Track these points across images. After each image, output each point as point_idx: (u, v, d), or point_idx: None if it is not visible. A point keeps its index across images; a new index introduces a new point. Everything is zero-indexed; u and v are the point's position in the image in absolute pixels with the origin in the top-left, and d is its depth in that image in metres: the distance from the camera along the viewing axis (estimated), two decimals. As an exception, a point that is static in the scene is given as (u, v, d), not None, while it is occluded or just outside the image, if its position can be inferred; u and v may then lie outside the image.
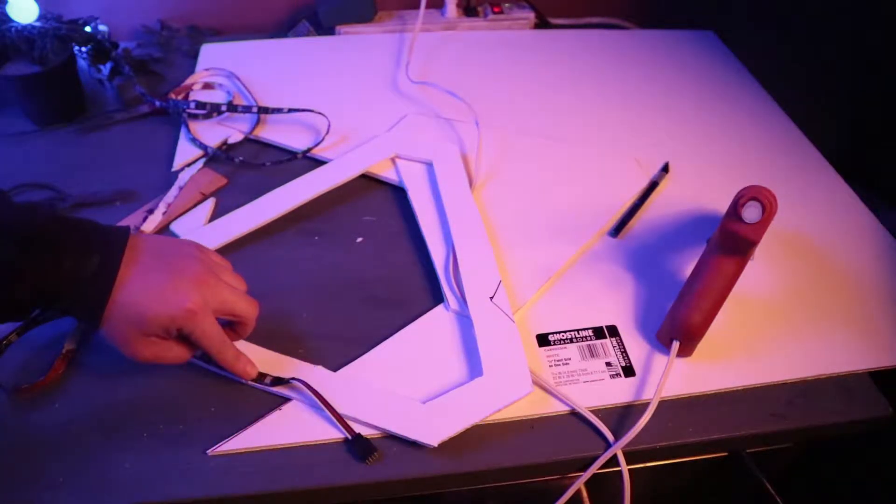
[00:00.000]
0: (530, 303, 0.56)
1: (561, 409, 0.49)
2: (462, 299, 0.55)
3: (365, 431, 0.47)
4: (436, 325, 0.54)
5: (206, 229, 0.60)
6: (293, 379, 0.48)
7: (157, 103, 0.74)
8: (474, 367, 0.51)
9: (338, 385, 0.49)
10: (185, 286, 0.43)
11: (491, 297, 0.54)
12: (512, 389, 0.49)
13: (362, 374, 0.50)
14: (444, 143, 0.70)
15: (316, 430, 0.47)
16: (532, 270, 0.58)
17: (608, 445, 0.47)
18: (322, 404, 0.47)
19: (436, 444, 0.46)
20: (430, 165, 0.67)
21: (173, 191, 0.63)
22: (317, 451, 0.46)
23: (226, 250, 0.59)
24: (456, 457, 0.46)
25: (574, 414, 0.49)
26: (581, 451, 0.47)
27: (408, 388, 0.49)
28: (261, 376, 0.49)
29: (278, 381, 0.49)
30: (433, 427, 0.46)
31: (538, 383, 0.50)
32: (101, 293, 0.41)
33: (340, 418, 0.46)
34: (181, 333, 0.44)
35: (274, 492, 0.45)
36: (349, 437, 0.46)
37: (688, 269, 0.59)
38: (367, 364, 0.51)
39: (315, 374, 0.49)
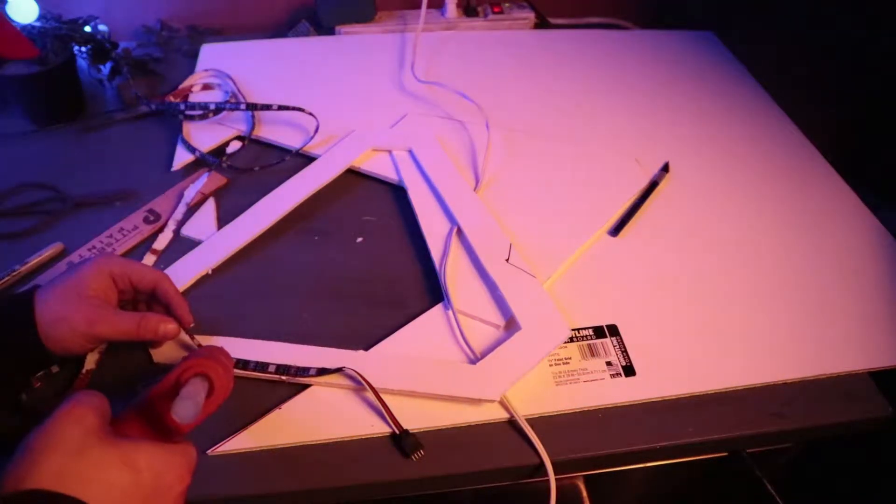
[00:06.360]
0: (530, 303, 0.56)
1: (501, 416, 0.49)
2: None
3: (419, 404, 0.48)
4: (435, 323, 0.54)
5: (219, 235, 0.60)
6: (344, 368, 0.48)
7: (153, 106, 0.74)
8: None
9: (378, 363, 0.50)
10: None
11: (507, 259, 0.56)
12: (552, 336, 0.51)
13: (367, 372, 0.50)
14: (422, 130, 0.71)
15: (315, 430, 0.47)
16: (532, 270, 0.58)
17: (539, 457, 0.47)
18: (375, 396, 0.47)
19: (498, 399, 0.48)
20: (409, 152, 0.69)
21: (181, 208, 0.63)
22: (317, 451, 0.46)
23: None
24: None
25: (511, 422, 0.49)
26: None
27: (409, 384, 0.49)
28: (302, 370, 0.49)
29: (324, 371, 0.49)
30: (490, 384, 0.48)
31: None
32: (26, 295, 0.45)
33: (389, 412, 0.47)
34: (120, 289, 0.47)
35: (274, 492, 0.45)
36: (397, 432, 0.46)
37: (688, 269, 0.59)
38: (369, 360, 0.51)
39: (353, 358, 0.50)
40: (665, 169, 0.69)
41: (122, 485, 0.33)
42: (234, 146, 0.70)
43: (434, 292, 0.57)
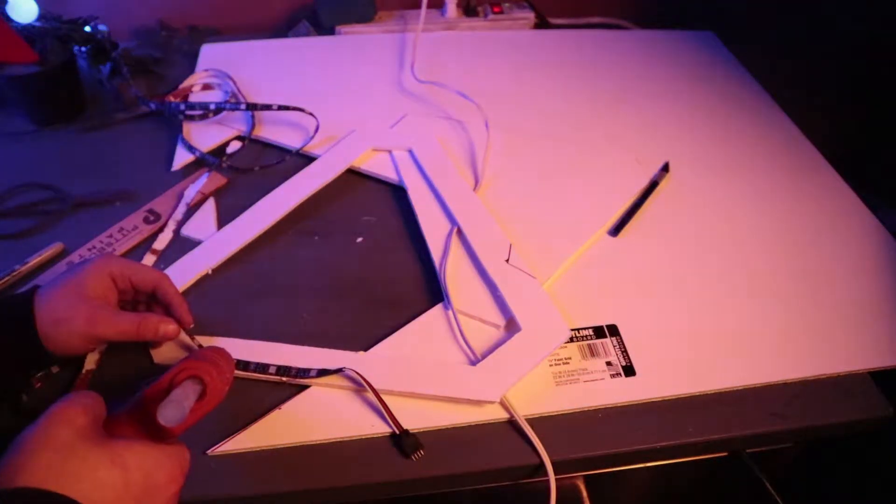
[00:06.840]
0: (530, 303, 0.56)
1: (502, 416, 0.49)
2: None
3: (419, 404, 0.48)
4: (435, 323, 0.54)
5: (219, 235, 0.60)
6: (344, 369, 0.48)
7: (152, 106, 0.74)
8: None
9: (378, 364, 0.50)
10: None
11: (506, 260, 0.56)
12: (552, 338, 0.51)
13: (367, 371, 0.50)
14: (422, 130, 0.71)
15: (316, 431, 0.47)
16: (532, 270, 0.58)
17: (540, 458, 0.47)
18: (375, 397, 0.47)
19: (498, 401, 0.48)
20: (409, 152, 0.69)
21: (181, 208, 0.63)
22: (317, 451, 0.46)
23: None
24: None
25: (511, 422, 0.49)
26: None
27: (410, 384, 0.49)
28: (302, 371, 0.49)
29: (325, 372, 0.49)
30: (490, 385, 0.48)
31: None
32: (26, 296, 0.45)
33: (390, 412, 0.47)
34: (120, 289, 0.48)
35: (274, 492, 0.45)
36: (397, 432, 0.46)
37: (688, 269, 0.60)
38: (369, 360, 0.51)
39: (353, 359, 0.50)
40: (665, 169, 0.69)
41: (113, 483, 0.33)
42: (234, 146, 0.70)
43: (434, 292, 0.57)
